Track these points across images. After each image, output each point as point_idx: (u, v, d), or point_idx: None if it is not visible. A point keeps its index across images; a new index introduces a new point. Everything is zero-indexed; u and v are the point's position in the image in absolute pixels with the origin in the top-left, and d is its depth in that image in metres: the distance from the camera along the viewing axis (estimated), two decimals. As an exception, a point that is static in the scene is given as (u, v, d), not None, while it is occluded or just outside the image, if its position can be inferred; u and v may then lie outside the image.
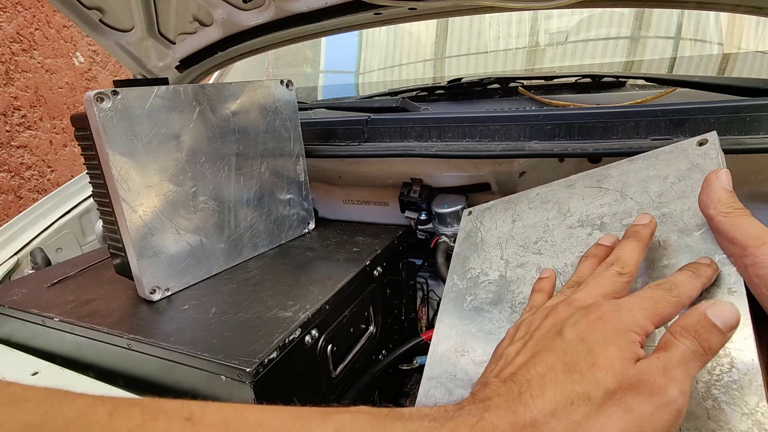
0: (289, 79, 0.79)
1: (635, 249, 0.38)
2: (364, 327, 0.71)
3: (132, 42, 0.97)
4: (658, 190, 0.46)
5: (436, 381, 0.51)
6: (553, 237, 0.51)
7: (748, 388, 0.32)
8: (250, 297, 0.61)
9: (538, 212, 0.55)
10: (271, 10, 0.85)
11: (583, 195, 0.52)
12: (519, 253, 0.53)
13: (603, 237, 0.43)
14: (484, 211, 0.63)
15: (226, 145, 0.70)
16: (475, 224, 0.62)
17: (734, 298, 0.35)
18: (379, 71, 1.45)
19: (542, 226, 0.54)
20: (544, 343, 0.33)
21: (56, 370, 0.59)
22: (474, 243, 0.60)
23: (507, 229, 0.57)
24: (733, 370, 0.33)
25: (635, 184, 0.48)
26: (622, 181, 0.50)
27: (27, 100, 2.09)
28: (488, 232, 0.59)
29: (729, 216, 0.36)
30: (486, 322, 0.50)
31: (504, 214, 0.59)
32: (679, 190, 0.44)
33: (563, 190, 0.55)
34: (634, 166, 0.50)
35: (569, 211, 0.52)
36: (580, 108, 0.66)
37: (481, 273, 0.55)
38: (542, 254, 0.51)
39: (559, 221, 0.52)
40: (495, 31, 1.29)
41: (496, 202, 0.63)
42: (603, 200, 0.50)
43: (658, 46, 1.12)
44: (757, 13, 0.66)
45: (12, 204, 2.05)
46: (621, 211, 0.47)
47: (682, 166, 0.46)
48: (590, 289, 0.36)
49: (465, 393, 0.47)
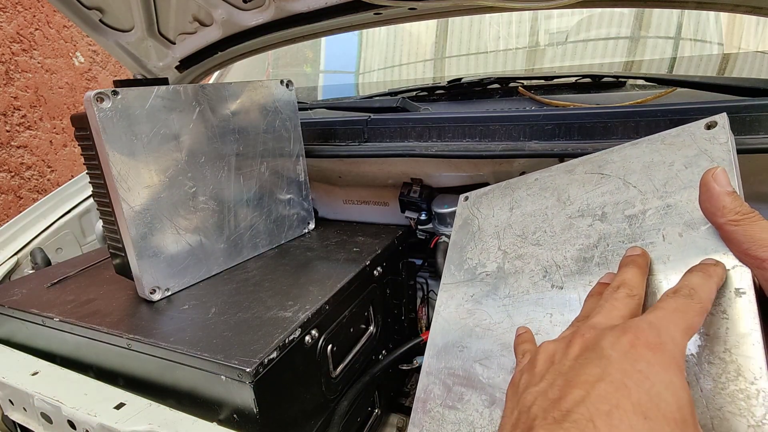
0: (289, 79, 0.79)
1: (637, 274, 0.37)
2: (364, 327, 0.71)
3: (132, 42, 0.97)
4: (663, 178, 0.43)
5: (434, 377, 0.50)
6: (552, 227, 0.49)
7: (756, 398, 0.30)
8: (250, 297, 0.61)
9: (536, 199, 0.53)
10: (271, 10, 0.85)
11: (583, 181, 0.50)
12: (517, 244, 0.51)
13: (604, 276, 0.41)
14: (481, 197, 0.60)
15: (226, 145, 0.70)
16: (471, 211, 0.60)
17: (743, 300, 0.33)
18: (379, 71, 1.45)
19: (541, 214, 0.51)
20: (584, 368, 0.29)
21: (56, 370, 0.59)
22: (471, 231, 0.58)
23: (505, 217, 0.55)
24: (739, 378, 0.31)
25: (638, 171, 0.45)
26: (624, 167, 0.47)
27: (27, 100, 2.09)
28: (485, 220, 0.57)
29: (739, 224, 0.34)
30: (484, 316, 0.49)
31: (501, 201, 0.57)
32: (686, 179, 0.41)
33: (563, 176, 0.52)
34: (637, 150, 0.47)
35: (569, 199, 0.50)
36: (580, 108, 0.66)
37: (479, 264, 0.54)
38: (541, 245, 0.49)
39: (559, 210, 0.50)
40: (495, 31, 1.29)
41: (493, 187, 0.60)
42: (604, 188, 0.47)
43: (658, 46, 1.12)
44: (757, 13, 0.66)
45: (12, 204, 2.05)
46: (623, 201, 0.45)
47: (689, 151, 0.43)
48: (607, 312, 0.34)
49: (463, 390, 0.47)
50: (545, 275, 0.47)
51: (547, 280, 0.47)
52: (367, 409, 0.73)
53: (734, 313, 0.33)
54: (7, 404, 0.58)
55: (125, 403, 0.51)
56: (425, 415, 0.49)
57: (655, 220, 0.42)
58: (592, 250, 0.45)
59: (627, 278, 0.37)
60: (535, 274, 0.48)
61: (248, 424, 0.48)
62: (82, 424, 0.49)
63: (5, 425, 0.61)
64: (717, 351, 0.33)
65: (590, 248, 0.45)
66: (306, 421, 0.56)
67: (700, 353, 0.34)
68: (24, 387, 0.55)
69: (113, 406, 0.50)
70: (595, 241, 0.45)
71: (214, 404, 0.50)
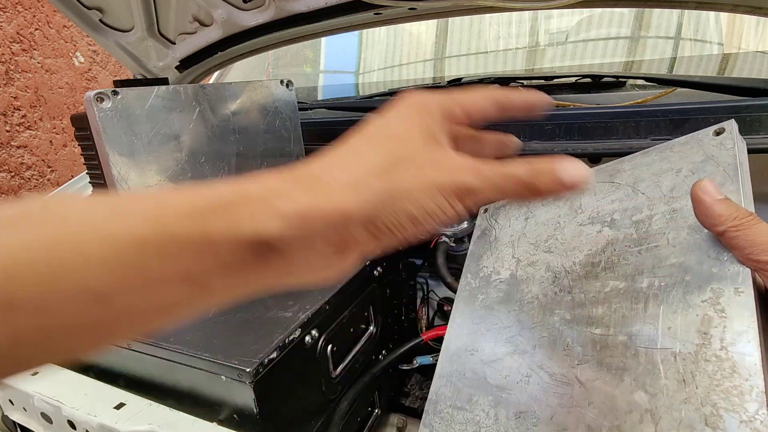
0: (289, 79, 0.79)
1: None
2: (364, 327, 0.71)
3: (132, 42, 0.97)
4: (670, 185, 0.44)
5: (446, 379, 0.51)
6: (563, 235, 0.51)
7: (749, 394, 0.31)
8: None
9: (550, 209, 0.55)
10: (271, 10, 0.85)
11: (595, 190, 0.51)
12: (530, 252, 0.53)
13: None
14: (499, 209, 0.63)
15: (226, 145, 0.70)
16: (489, 222, 0.62)
17: (741, 299, 0.34)
18: (379, 71, 1.46)
19: (553, 223, 0.53)
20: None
21: (56, 370, 0.59)
22: (488, 241, 0.60)
23: (520, 227, 0.57)
24: (734, 374, 0.32)
25: (647, 179, 0.47)
26: (634, 175, 0.48)
27: (27, 100, 2.09)
28: (502, 230, 0.59)
29: (739, 230, 0.34)
30: (495, 321, 0.51)
31: (518, 211, 0.59)
32: (692, 184, 0.41)
33: None
34: (647, 159, 0.49)
35: (581, 208, 0.51)
36: (580, 108, 0.66)
37: (493, 272, 0.55)
38: (552, 252, 0.51)
39: (570, 218, 0.52)
40: (495, 31, 1.29)
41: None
42: (614, 196, 0.49)
43: (658, 46, 1.12)
44: (757, 13, 0.66)
45: (12, 204, 2.05)
46: (631, 207, 0.46)
47: (696, 158, 0.44)
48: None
49: (472, 392, 0.48)
50: (554, 280, 0.49)
51: (556, 285, 0.48)
52: (367, 409, 0.73)
53: (732, 312, 0.34)
54: (7, 404, 0.58)
55: (125, 403, 0.51)
56: (435, 416, 0.51)
57: (660, 224, 0.43)
58: (599, 255, 0.46)
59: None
60: (545, 280, 0.50)
61: (248, 424, 0.48)
62: (82, 424, 0.49)
63: (5, 425, 0.61)
64: (714, 349, 0.34)
65: (598, 254, 0.46)
66: (306, 421, 0.56)
67: (698, 351, 0.34)
68: (24, 387, 0.55)
69: (113, 406, 0.50)
70: (602, 247, 0.46)
71: (214, 404, 0.50)
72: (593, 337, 0.42)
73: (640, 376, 0.37)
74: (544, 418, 0.42)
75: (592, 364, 0.41)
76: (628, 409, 0.36)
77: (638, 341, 0.38)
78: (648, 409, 0.35)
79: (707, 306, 0.36)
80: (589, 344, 0.42)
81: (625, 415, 0.36)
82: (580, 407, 0.40)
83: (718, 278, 0.36)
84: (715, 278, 0.36)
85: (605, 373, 0.39)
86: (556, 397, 0.42)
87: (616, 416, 0.37)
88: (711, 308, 0.35)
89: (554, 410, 0.41)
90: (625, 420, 0.36)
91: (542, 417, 0.42)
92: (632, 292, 0.41)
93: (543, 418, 0.42)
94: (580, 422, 0.39)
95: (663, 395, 0.35)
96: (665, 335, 0.37)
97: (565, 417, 0.40)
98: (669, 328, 0.37)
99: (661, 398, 0.35)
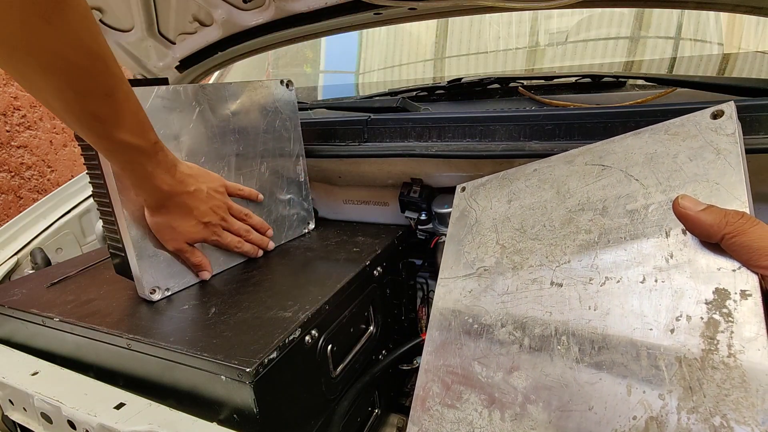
0: (289, 79, 0.79)
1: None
2: (364, 327, 0.71)
3: (132, 42, 0.97)
4: (666, 171, 0.41)
5: (433, 374, 0.49)
6: (551, 221, 0.48)
7: (761, 405, 0.29)
8: (250, 297, 0.61)
9: (535, 192, 0.52)
10: (271, 10, 0.85)
11: (583, 173, 0.48)
12: (516, 238, 0.50)
13: None
14: (479, 188, 0.59)
15: (226, 145, 0.70)
16: (468, 202, 0.58)
17: (748, 303, 0.32)
18: (379, 71, 1.46)
19: (540, 207, 0.50)
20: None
21: (56, 370, 0.59)
22: (468, 224, 0.56)
23: (503, 210, 0.54)
24: (744, 385, 0.30)
25: (641, 163, 0.44)
26: (626, 158, 0.45)
27: (27, 100, 2.09)
28: (483, 212, 0.56)
29: (735, 237, 0.34)
30: (482, 313, 0.48)
31: (500, 192, 0.56)
32: (690, 172, 0.40)
33: (562, 167, 0.51)
34: (639, 140, 0.45)
35: (569, 192, 0.48)
36: (580, 108, 0.66)
37: (477, 259, 0.52)
38: (540, 240, 0.48)
39: (558, 203, 0.48)
40: (495, 31, 1.29)
41: (490, 177, 0.58)
42: (605, 180, 0.46)
43: (658, 46, 1.12)
44: (757, 13, 0.66)
45: (12, 204, 2.05)
46: (625, 195, 0.43)
47: (693, 143, 0.41)
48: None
49: (462, 389, 0.47)
50: (545, 271, 0.46)
51: (546, 276, 0.46)
52: (367, 409, 0.73)
53: (740, 317, 0.33)
54: (7, 404, 0.58)
55: (125, 403, 0.51)
56: (424, 413, 0.48)
57: (657, 215, 0.41)
58: (592, 246, 0.44)
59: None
60: (534, 271, 0.47)
61: (248, 424, 0.48)
62: (82, 424, 0.49)
63: (5, 425, 0.61)
64: (722, 355, 0.32)
65: (591, 245, 0.44)
66: (306, 421, 0.56)
67: (704, 357, 0.33)
68: (24, 387, 0.55)
69: (113, 406, 0.50)
70: (596, 237, 0.44)
71: (214, 404, 0.50)
72: (591, 336, 0.40)
73: (642, 381, 0.35)
74: (541, 421, 0.40)
75: (590, 365, 0.39)
76: (632, 415, 0.35)
77: (639, 342, 0.37)
78: (653, 417, 0.34)
79: (712, 308, 0.34)
80: (586, 343, 0.40)
81: (629, 422, 0.35)
82: (579, 411, 0.38)
83: (722, 278, 0.35)
84: (720, 278, 0.35)
85: (605, 375, 0.38)
86: (554, 399, 0.40)
87: (618, 422, 0.35)
88: (716, 311, 0.34)
89: (552, 413, 0.40)
90: (628, 427, 0.35)
91: (540, 420, 0.40)
92: (629, 288, 0.39)
93: (540, 421, 0.40)
94: (581, 428, 0.37)
95: (669, 402, 0.33)
96: (667, 338, 0.35)
97: (565, 422, 0.39)
98: (671, 331, 0.35)
99: (666, 405, 0.33)
